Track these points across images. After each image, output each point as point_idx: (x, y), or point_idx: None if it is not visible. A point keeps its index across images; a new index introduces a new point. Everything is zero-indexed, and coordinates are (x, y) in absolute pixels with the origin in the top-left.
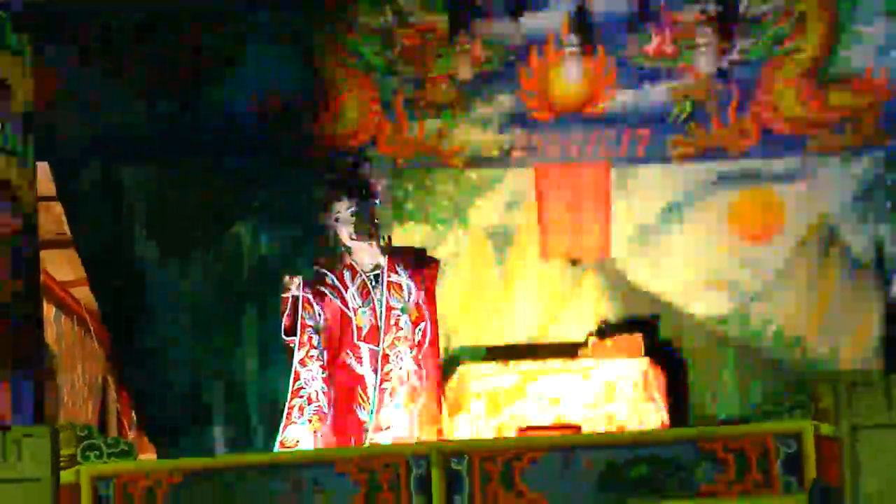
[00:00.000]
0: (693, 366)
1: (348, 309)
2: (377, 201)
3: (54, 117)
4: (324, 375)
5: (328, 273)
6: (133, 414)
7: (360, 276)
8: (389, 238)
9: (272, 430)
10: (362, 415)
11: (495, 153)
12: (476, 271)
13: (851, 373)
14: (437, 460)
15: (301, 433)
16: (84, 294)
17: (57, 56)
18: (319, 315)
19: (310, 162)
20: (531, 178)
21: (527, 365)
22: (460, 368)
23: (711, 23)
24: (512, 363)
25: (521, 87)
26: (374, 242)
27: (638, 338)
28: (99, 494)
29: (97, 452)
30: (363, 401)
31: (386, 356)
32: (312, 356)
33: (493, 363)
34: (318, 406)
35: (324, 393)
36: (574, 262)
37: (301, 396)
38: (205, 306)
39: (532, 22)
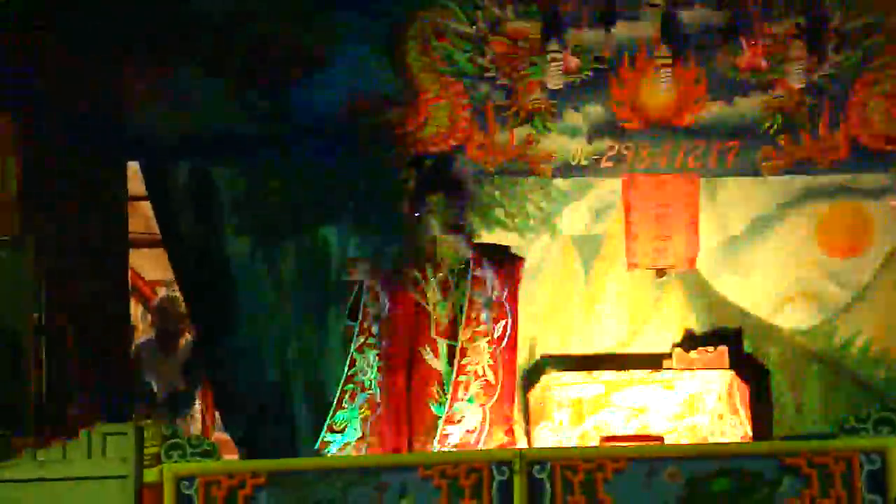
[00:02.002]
0: (777, 379)
1: (427, 303)
2: (468, 198)
3: (144, 117)
4: (379, 364)
5: (410, 265)
6: (217, 414)
7: (444, 270)
8: (475, 235)
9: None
10: (437, 410)
11: (584, 162)
12: (562, 280)
13: None
14: (520, 468)
15: (349, 419)
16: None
17: (147, 55)
18: (384, 304)
19: (398, 163)
20: (619, 188)
21: (611, 375)
22: (544, 377)
23: (804, 36)
24: (596, 373)
25: (612, 96)
26: (461, 237)
27: (723, 350)
28: (182, 493)
29: (181, 452)
30: (438, 395)
31: (464, 349)
32: (370, 344)
33: (578, 372)
34: (371, 394)
35: (378, 382)
36: (660, 273)
37: (355, 382)
38: (291, 306)
39: (624, 31)
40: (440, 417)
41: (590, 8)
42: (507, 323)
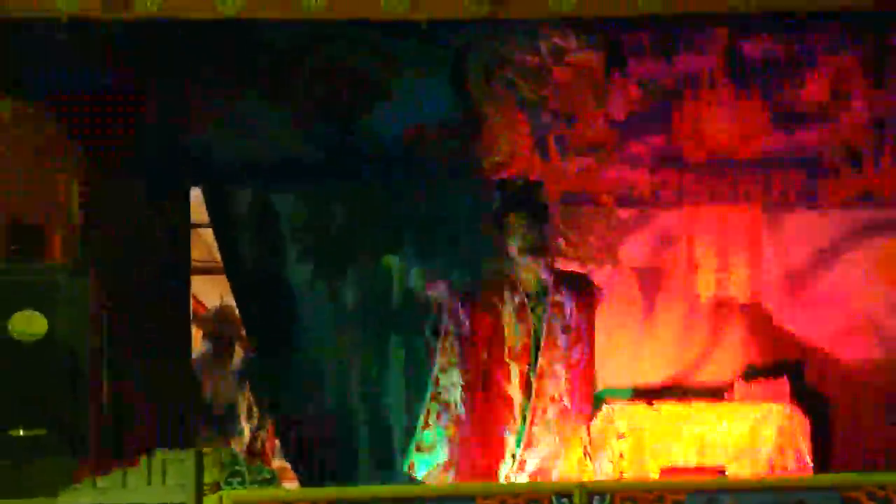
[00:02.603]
0: (838, 412)
1: (502, 326)
2: (548, 222)
3: (208, 143)
4: (463, 383)
5: (489, 286)
6: (277, 441)
7: (521, 294)
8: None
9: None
10: (508, 435)
11: (646, 193)
12: (624, 310)
13: None
14: (581, 499)
15: (436, 439)
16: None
17: (213, 80)
18: (465, 324)
19: (462, 189)
20: (681, 219)
21: (672, 406)
22: (605, 407)
23: (867, 68)
24: (657, 403)
25: (674, 127)
26: (540, 261)
27: (784, 382)
28: None
29: (240, 479)
30: (510, 420)
31: (541, 374)
32: (453, 363)
33: (638, 403)
34: (457, 414)
35: (462, 401)
36: (721, 304)
37: (440, 402)
38: (353, 333)
39: (686, 63)
40: (511, 442)
41: (652, 39)
42: (584, 348)
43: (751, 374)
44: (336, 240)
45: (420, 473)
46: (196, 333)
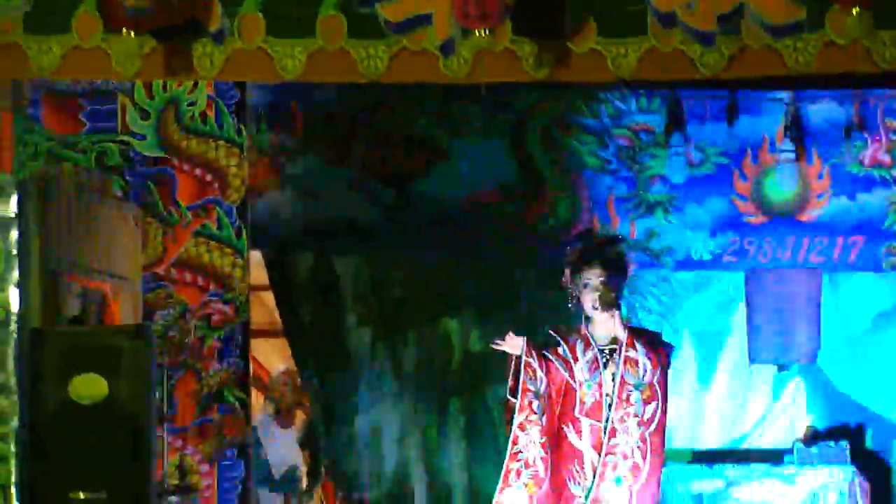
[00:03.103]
0: None
1: (574, 381)
2: (626, 278)
3: (269, 206)
4: (542, 441)
5: (561, 342)
6: (337, 503)
7: (594, 349)
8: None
9: None
10: (576, 490)
11: (706, 256)
12: (683, 374)
13: None
14: None
15: (517, 497)
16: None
17: (274, 144)
18: (542, 381)
19: (518, 257)
20: (741, 282)
21: (732, 469)
22: (665, 470)
23: None
24: (717, 466)
25: (735, 190)
26: (615, 316)
27: (844, 446)
28: None
29: None
30: (579, 476)
31: (613, 430)
32: (532, 421)
33: (699, 466)
34: (535, 471)
35: (541, 458)
36: (781, 367)
37: (519, 460)
38: (412, 396)
39: (747, 126)
40: (579, 498)
41: (712, 103)
42: (657, 406)
43: (811, 437)
44: (396, 303)
45: None
46: (258, 398)
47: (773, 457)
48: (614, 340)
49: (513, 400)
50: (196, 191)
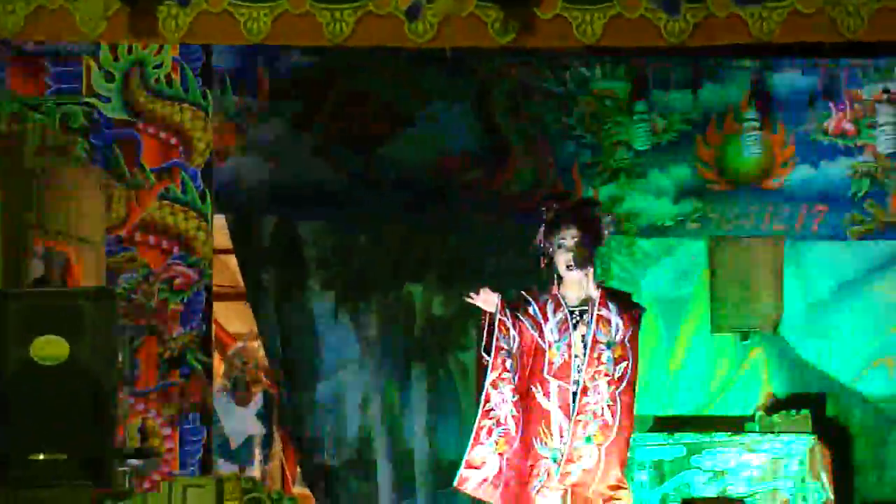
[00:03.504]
0: (860, 444)
1: (543, 341)
2: (601, 240)
3: (234, 170)
4: (514, 399)
5: (532, 302)
6: (298, 468)
7: (564, 309)
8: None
9: (435, 490)
10: (543, 450)
11: (669, 223)
12: (646, 341)
13: None
14: None
15: (487, 454)
16: (254, 347)
17: (239, 108)
18: (514, 339)
19: (483, 222)
20: (704, 250)
21: (693, 437)
22: None
23: (892, 102)
24: (678, 434)
25: (698, 158)
26: (587, 276)
27: (806, 414)
28: None
29: None
30: (545, 435)
31: (585, 388)
32: (505, 379)
33: (659, 433)
34: (506, 429)
35: (513, 417)
36: (744, 336)
37: (490, 418)
38: (375, 362)
39: (711, 94)
40: (547, 458)
41: (677, 70)
42: (627, 365)
43: (772, 405)
44: (360, 268)
45: (470, 488)
46: (218, 366)
47: (735, 424)
48: (585, 301)
49: (486, 357)
50: (161, 154)
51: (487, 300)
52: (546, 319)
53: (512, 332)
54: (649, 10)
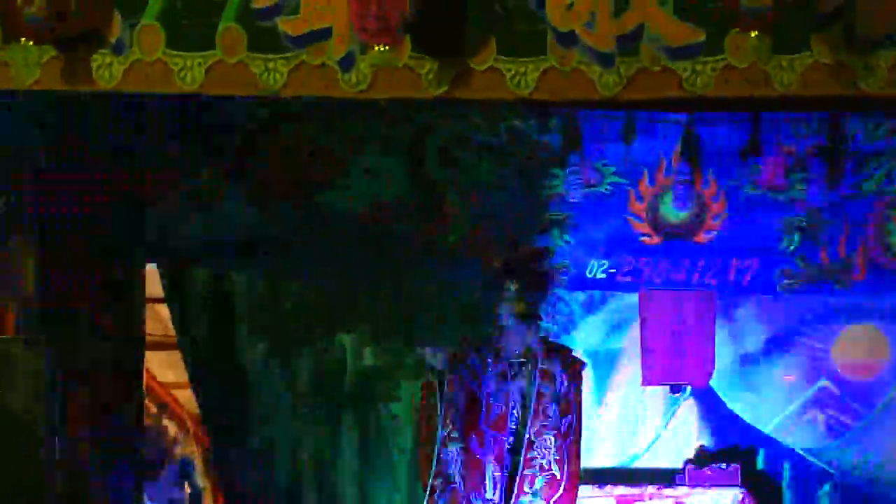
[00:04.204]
0: (789, 498)
1: (481, 392)
2: (548, 293)
3: (164, 219)
4: (462, 458)
5: (471, 352)
6: None
7: (503, 361)
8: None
9: None
10: (476, 501)
11: (601, 276)
12: None
13: None
14: None
15: None
16: (186, 397)
17: (169, 158)
18: (459, 396)
19: (415, 273)
20: (636, 303)
21: (623, 490)
22: None
23: (824, 156)
24: (608, 487)
25: (630, 211)
26: (530, 329)
27: (735, 467)
28: None
29: None
30: (480, 488)
31: (531, 443)
32: (454, 438)
33: (589, 486)
34: (454, 487)
35: (460, 474)
36: (674, 389)
37: (443, 476)
38: (307, 412)
39: (643, 147)
40: None
41: (610, 123)
42: (572, 418)
43: (702, 458)
44: (291, 318)
45: None
46: (150, 408)
47: (664, 477)
48: (525, 354)
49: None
50: None
51: (435, 354)
52: (484, 370)
53: (456, 387)
54: (583, 62)
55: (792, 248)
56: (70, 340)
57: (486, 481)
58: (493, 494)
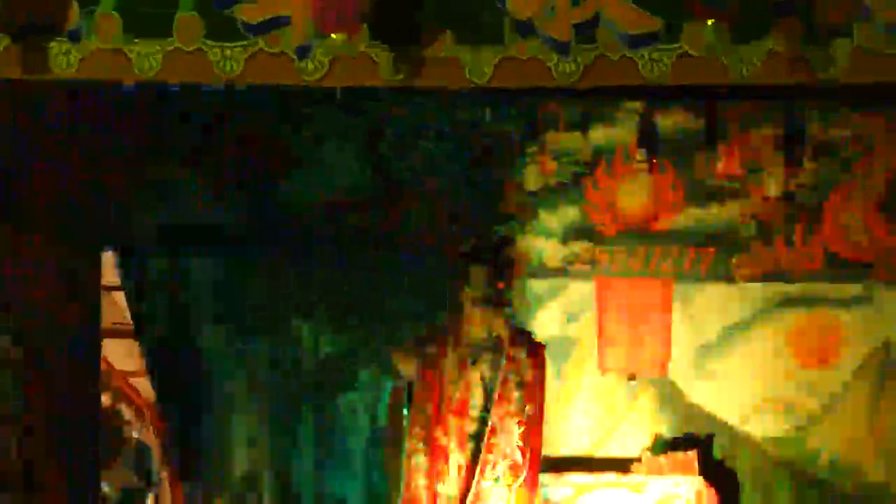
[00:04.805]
0: (747, 487)
1: (442, 380)
2: (513, 279)
3: (122, 207)
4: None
5: (432, 339)
6: None
7: (463, 346)
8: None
9: None
10: (441, 488)
11: (558, 264)
12: None
13: None
14: None
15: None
16: (143, 385)
17: (130, 144)
18: (423, 392)
19: (373, 262)
20: (593, 291)
21: (580, 478)
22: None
23: (780, 145)
24: (565, 475)
25: (587, 199)
26: (498, 315)
27: (692, 456)
28: None
29: None
30: (444, 474)
31: (494, 429)
32: (420, 449)
33: (546, 474)
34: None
35: (425, 466)
36: (631, 378)
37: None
38: (264, 401)
39: (601, 136)
40: (447, 496)
41: (568, 112)
42: (535, 405)
43: (659, 446)
44: (249, 306)
45: None
46: (107, 397)
47: (622, 466)
48: (486, 339)
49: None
50: None
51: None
52: (445, 356)
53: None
54: (540, 50)
55: (748, 237)
56: (26, 329)
57: (449, 467)
58: (456, 480)
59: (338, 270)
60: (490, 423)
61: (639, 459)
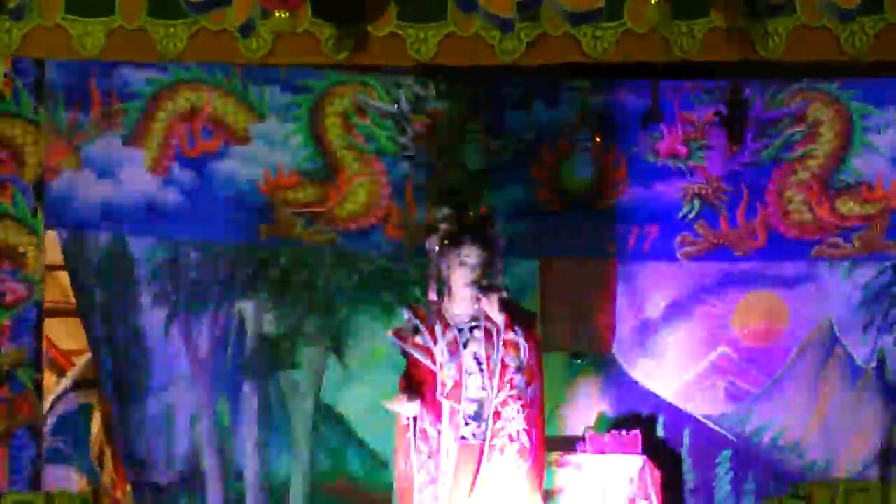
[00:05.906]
0: (690, 465)
1: (435, 365)
2: (501, 256)
3: (66, 186)
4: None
5: (421, 329)
6: (128, 486)
7: (453, 329)
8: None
9: None
10: (433, 468)
11: (502, 242)
12: None
13: (849, 480)
14: None
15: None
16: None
17: (72, 123)
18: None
19: (315, 241)
20: (536, 270)
21: None
22: None
23: (724, 124)
24: None
25: (531, 178)
26: (492, 297)
27: (636, 434)
28: None
29: None
30: (437, 458)
31: (498, 413)
32: (427, 481)
33: None
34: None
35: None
36: (575, 356)
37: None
38: (205, 378)
39: (544, 114)
40: (441, 475)
41: (511, 90)
42: (536, 386)
43: (603, 425)
44: (191, 285)
45: None
46: (49, 377)
47: (566, 445)
48: (475, 318)
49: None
50: None
51: (408, 408)
52: (435, 342)
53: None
54: (483, 28)
55: (692, 215)
56: None
57: (441, 452)
58: (450, 462)
59: (280, 249)
60: (494, 408)
61: (582, 438)
